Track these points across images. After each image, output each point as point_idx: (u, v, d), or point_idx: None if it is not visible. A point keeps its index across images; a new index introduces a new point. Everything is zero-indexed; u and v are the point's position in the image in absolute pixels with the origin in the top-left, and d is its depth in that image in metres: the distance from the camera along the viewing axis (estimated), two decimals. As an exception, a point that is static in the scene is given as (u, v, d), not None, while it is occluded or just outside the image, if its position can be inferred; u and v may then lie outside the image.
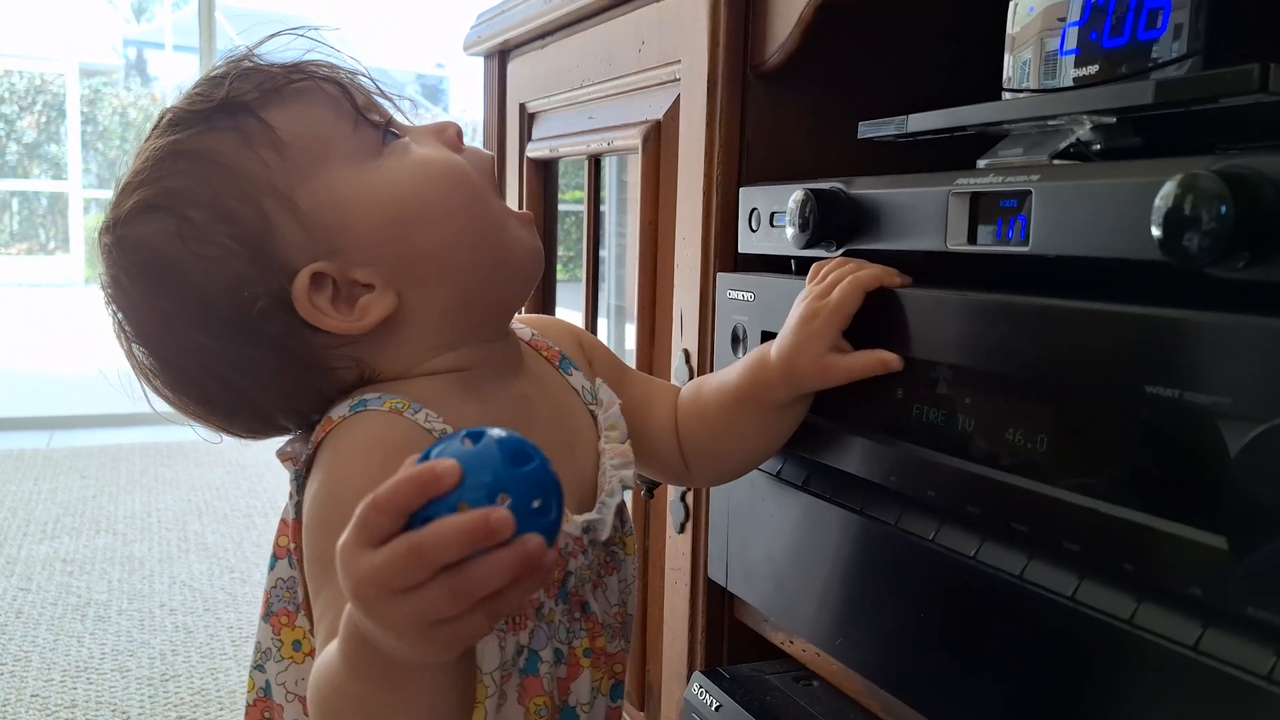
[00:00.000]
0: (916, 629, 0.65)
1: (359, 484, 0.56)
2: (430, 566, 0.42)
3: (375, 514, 0.44)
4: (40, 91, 10.53)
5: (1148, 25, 0.62)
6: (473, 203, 0.65)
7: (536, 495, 0.44)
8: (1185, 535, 0.47)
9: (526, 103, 1.35)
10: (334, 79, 0.64)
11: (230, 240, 0.61)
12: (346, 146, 0.63)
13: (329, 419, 0.62)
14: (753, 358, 0.74)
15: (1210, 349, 0.46)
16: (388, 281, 0.62)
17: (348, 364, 0.64)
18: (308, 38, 0.66)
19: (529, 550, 0.43)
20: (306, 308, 0.61)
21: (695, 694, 0.87)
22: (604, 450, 0.69)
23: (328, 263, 0.61)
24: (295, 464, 0.63)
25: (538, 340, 0.74)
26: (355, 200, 0.62)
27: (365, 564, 0.43)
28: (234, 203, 0.61)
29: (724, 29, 0.88)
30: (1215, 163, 0.46)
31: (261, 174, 0.61)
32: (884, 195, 0.70)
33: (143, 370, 0.65)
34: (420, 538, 0.42)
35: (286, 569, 0.66)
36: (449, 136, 0.67)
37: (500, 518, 0.42)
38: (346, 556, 0.44)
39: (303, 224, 0.61)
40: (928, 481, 0.63)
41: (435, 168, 0.64)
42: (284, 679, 0.65)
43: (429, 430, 0.59)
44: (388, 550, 0.43)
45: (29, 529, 2.60)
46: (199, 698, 1.75)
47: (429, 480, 0.43)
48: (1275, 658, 0.44)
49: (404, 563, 0.42)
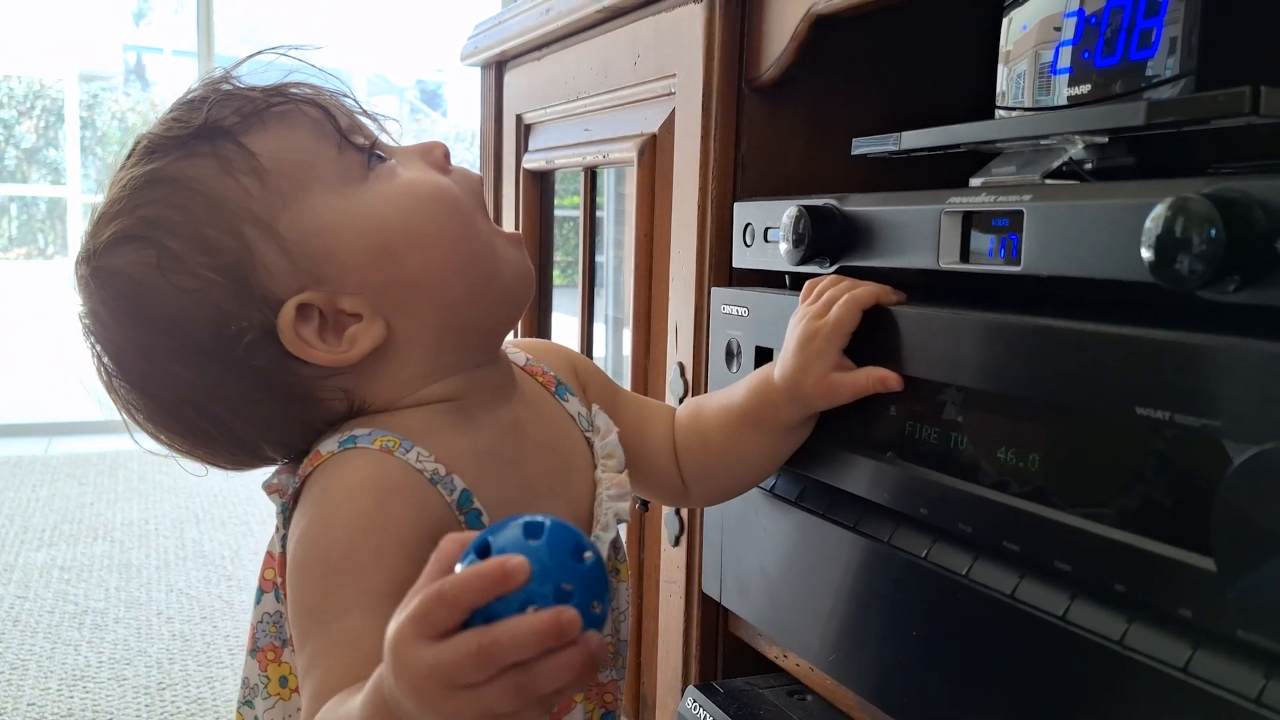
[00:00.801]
0: (908, 645, 0.65)
1: (346, 528, 0.56)
2: (499, 665, 0.42)
3: (440, 607, 0.43)
4: (39, 96, 10.52)
5: (1140, 45, 0.62)
6: (461, 227, 0.63)
7: (595, 591, 0.44)
8: (1176, 557, 0.47)
9: (523, 114, 1.35)
10: (316, 101, 0.62)
11: (210, 271, 0.59)
12: (330, 171, 0.61)
13: (317, 453, 0.60)
14: (755, 380, 0.73)
15: (1201, 371, 0.46)
16: (376, 310, 0.61)
17: (336, 395, 0.62)
18: (290, 58, 0.64)
19: (591, 648, 0.43)
20: (293, 340, 0.60)
21: (689, 708, 0.87)
22: (600, 479, 0.68)
23: (313, 292, 0.60)
24: (282, 496, 0.62)
25: (532, 365, 0.72)
26: (340, 227, 0.60)
27: (429, 658, 0.43)
28: (214, 232, 0.59)
29: (719, 43, 0.88)
30: (1206, 185, 0.46)
31: (242, 201, 0.59)
32: (877, 212, 0.70)
33: (124, 404, 0.63)
34: (493, 638, 0.42)
35: (273, 603, 0.64)
36: (436, 158, 0.65)
37: (570, 620, 0.42)
38: (404, 648, 0.43)
39: (286, 253, 0.60)
40: (920, 499, 0.64)
41: (422, 191, 0.63)
42: (271, 715, 0.64)
43: (420, 470, 0.58)
44: (456, 647, 0.42)
45: (26, 536, 2.60)
46: (195, 706, 1.74)
47: (499, 579, 0.43)
48: (1265, 680, 0.44)
49: (474, 661, 0.42)
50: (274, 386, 0.61)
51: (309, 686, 0.54)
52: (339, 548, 0.56)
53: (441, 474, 0.59)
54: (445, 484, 0.59)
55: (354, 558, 0.55)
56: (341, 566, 0.55)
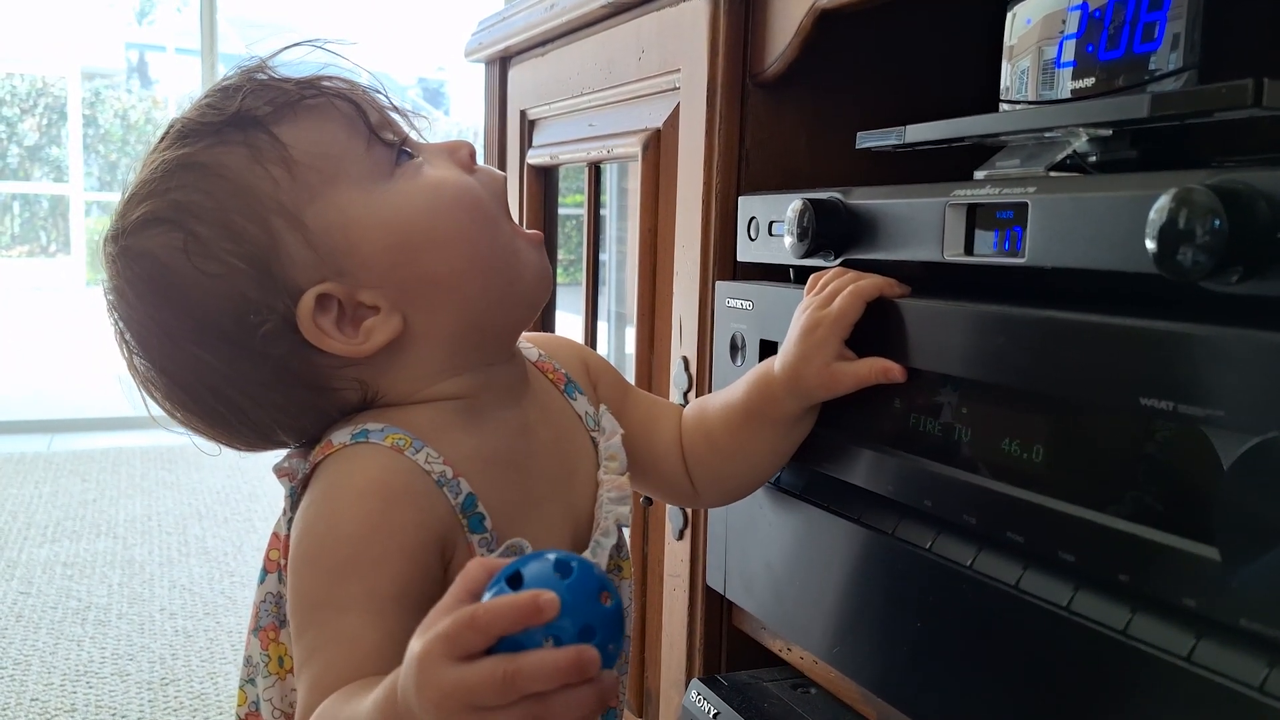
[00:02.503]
0: (913, 637, 0.65)
1: (353, 528, 0.58)
2: (519, 693, 0.44)
3: (470, 632, 0.44)
4: (42, 94, 10.53)
5: (1144, 38, 0.62)
6: (484, 228, 0.64)
7: (614, 634, 0.46)
8: (1179, 547, 0.47)
9: (527, 110, 1.35)
10: (348, 96, 0.63)
11: (235, 259, 0.60)
12: (358, 167, 0.62)
13: (329, 442, 0.61)
14: (756, 374, 0.74)
15: (1205, 362, 0.46)
16: (394, 304, 0.62)
17: (351, 385, 0.63)
18: (325, 50, 0.65)
19: (604, 687, 0.45)
20: (311, 329, 0.61)
21: (693, 701, 0.88)
22: (602, 480, 0.69)
23: (334, 284, 0.61)
24: (291, 480, 0.63)
25: (544, 361, 0.73)
26: (364, 222, 0.61)
27: (453, 678, 0.44)
28: (241, 219, 0.60)
29: (723, 38, 0.88)
30: (1209, 177, 0.46)
31: (270, 191, 0.60)
32: (882, 206, 0.70)
33: (143, 381, 0.65)
34: (518, 668, 0.44)
35: (275, 584, 0.65)
36: (462, 157, 0.66)
37: (591, 659, 0.44)
38: (431, 664, 0.45)
39: (310, 244, 0.61)
40: (925, 491, 0.64)
41: (447, 191, 0.64)
42: (270, 695, 0.65)
43: (428, 472, 0.59)
44: (482, 672, 0.44)
45: (29, 532, 2.60)
46: (198, 702, 1.75)
47: (532, 611, 0.44)
48: (1268, 669, 0.44)
49: (497, 687, 0.44)
50: (290, 374, 0.62)
51: (306, 677, 0.55)
52: (344, 548, 0.57)
53: (449, 476, 0.60)
54: (451, 487, 0.59)
55: (358, 559, 0.57)
56: (345, 566, 0.57)
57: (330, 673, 0.53)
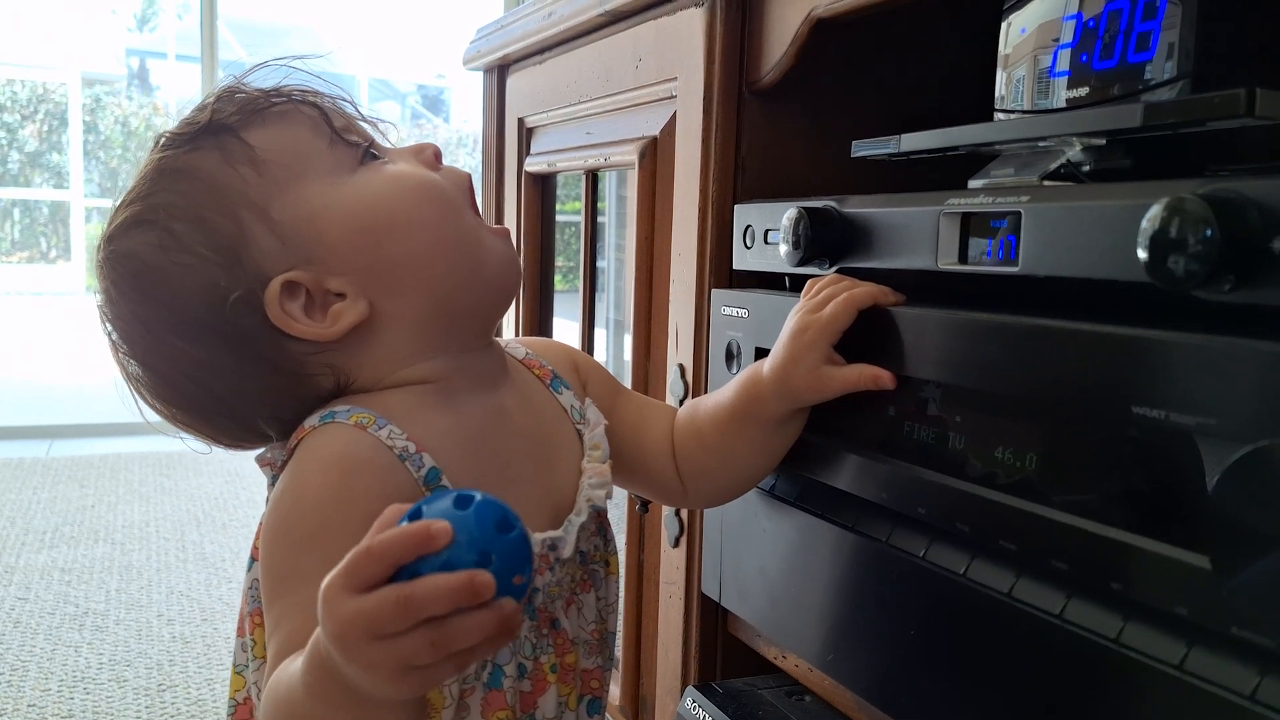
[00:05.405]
0: (907, 645, 0.65)
1: (316, 500, 0.60)
2: (415, 618, 0.46)
3: (367, 562, 0.47)
4: (42, 100, 10.55)
5: (1138, 48, 0.62)
6: (445, 214, 0.67)
7: (516, 561, 0.47)
8: (1171, 555, 0.48)
9: (525, 117, 1.36)
10: (313, 101, 0.67)
11: (207, 249, 0.63)
12: (323, 162, 0.66)
13: (302, 427, 0.64)
14: (746, 375, 0.74)
15: (1196, 370, 0.46)
16: (360, 290, 0.64)
17: (324, 371, 0.66)
18: (298, 69, 0.69)
19: (505, 614, 0.47)
20: (278, 314, 0.63)
21: (688, 708, 0.88)
22: (585, 469, 0.71)
23: (301, 272, 0.64)
24: (272, 469, 0.66)
25: (531, 359, 0.75)
26: (329, 211, 0.64)
27: (352, 608, 0.46)
28: (213, 215, 0.64)
29: (720, 47, 0.88)
30: (1201, 186, 0.47)
31: (240, 188, 0.64)
32: (876, 214, 0.70)
33: (131, 379, 0.68)
34: (410, 591, 0.45)
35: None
36: (426, 156, 0.69)
37: (484, 582, 0.46)
38: (332, 597, 0.47)
39: (278, 235, 0.64)
40: (918, 499, 0.64)
41: (409, 180, 0.67)
42: (257, 678, 0.66)
43: (390, 447, 0.61)
44: (377, 598, 0.46)
45: (27, 538, 2.60)
46: (196, 708, 1.75)
47: (424, 539, 0.46)
48: (1259, 677, 0.44)
49: (392, 612, 0.45)
50: (264, 360, 0.65)
51: (273, 645, 0.57)
52: (309, 519, 0.60)
53: (411, 451, 0.61)
54: (414, 461, 0.61)
55: (321, 529, 0.59)
56: (309, 537, 0.59)
57: (294, 640, 0.55)
